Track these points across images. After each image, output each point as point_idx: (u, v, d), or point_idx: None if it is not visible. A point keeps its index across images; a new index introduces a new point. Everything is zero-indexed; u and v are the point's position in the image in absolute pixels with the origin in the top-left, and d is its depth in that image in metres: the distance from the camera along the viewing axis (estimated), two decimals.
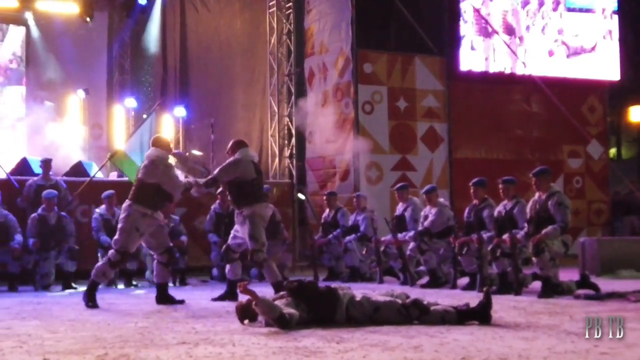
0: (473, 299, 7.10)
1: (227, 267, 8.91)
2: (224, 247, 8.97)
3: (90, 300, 8.18)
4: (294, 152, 17.41)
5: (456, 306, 6.34)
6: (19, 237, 10.90)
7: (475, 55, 16.69)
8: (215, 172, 8.55)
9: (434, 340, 5.34)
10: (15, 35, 18.12)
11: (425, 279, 10.70)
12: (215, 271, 12.20)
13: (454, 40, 16.47)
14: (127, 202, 8.41)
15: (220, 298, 8.70)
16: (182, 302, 8.46)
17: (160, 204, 8.44)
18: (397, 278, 11.39)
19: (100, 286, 8.55)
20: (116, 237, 8.42)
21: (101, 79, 18.36)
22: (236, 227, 8.65)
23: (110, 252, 8.40)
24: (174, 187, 8.43)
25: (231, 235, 8.81)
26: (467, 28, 16.58)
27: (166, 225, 11.15)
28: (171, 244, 8.93)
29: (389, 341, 5.32)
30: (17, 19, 17.93)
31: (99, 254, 10.88)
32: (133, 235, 8.30)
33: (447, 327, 5.94)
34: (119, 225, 8.45)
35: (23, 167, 13.03)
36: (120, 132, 18.97)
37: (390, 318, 6.17)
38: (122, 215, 8.43)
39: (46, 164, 11.88)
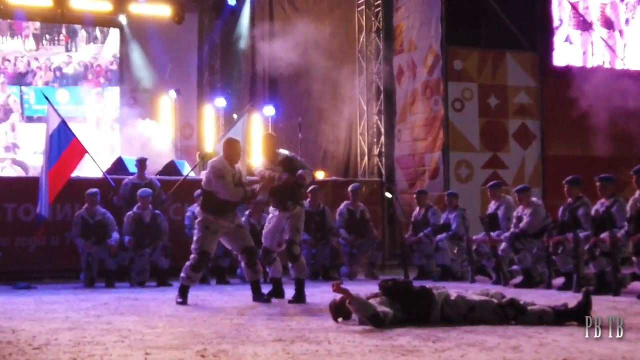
0: (569, 299, 6.98)
1: (269, 269, 8.93)
2: (261, 250, 8.80)
3: (180, 297, 8.31)
4: (383, 150, 17.34)
5: (554, 306, 6.21)
6: (116, 235, 11.20)
7: (573, 50, 16.31)
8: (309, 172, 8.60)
9: (533, 341, 5.24)
10: (115, 38, 18.63)
11: (518, 279, 10.50)
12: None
13: (547, 35, 16.12)
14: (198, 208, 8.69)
15: (270, 295, 8.65)
16: (268, 301, 8.49)
17: (224, 209, 8.34)
18: (489, 277, 11.24)
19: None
20: (194, 241, 8.49)
21: (192, 79, 18.73)
22: (272, 227, 8.61)
23: (191, 256, 8.42)
24: (229, 196, 8.30)
25: (269, 237, 8.69)
26: (562, 23, 16.21)
27: (250, 225, 11.30)
28: (252, 244, 8.62)
29: (486, 341, 5.24)
30: (112, 22, 18.44)
31: None
32: (206, 235, 8.31)
33: (545, 328, 5.82)
34: (195, 230, 8.58)
35: (119, 166, 13.38)
36: (210, 131, 19.31)
37: (486, 318, 6.08)
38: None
39: (141, 163, 12.16)
